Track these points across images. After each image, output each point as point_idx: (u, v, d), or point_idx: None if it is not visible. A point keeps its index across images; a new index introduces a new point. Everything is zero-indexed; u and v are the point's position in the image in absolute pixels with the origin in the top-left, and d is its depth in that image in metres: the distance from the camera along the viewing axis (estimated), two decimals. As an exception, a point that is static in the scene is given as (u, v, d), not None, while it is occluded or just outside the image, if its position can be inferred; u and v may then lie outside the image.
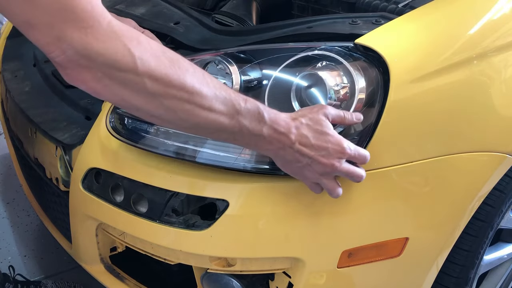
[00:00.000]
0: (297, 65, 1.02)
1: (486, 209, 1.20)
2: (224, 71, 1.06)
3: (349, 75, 0.98)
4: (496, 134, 1.11)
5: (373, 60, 1.01)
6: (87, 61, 0.75)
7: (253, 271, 1.09)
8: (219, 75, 1.07)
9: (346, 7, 1.41)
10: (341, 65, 0.99)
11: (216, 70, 1.08)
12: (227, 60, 1.05)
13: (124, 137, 1.10)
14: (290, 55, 1.03)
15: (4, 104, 1.65)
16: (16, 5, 0.72)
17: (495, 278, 1.48)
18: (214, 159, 1.01)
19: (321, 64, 0.99)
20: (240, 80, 1.04)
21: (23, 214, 2.04)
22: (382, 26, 1.07)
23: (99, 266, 1.27)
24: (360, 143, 0.99)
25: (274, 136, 0.88)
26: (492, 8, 1.12)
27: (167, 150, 1.05)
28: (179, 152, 1.04)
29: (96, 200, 1.14)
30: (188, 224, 1.04)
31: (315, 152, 0.90)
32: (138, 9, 1.42)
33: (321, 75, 0.98)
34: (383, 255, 1.10)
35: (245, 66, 1.05)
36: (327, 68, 0.99)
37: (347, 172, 0.93)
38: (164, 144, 1.05)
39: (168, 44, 1.24)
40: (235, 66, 1.05)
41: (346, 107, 0.98)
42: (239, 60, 1.06)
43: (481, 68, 1.07)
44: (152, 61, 0.78)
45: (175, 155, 1.05)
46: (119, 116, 1.13)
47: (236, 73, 1.04)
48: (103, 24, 0.75)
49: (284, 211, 1.01)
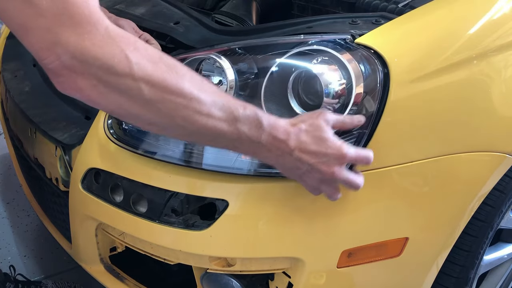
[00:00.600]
0: (293, 60, 1.01)
1: (486, 209, 1.19)
2: (220, 69, 1.06)
3: (345, 70, 0.97)
4: (496, 134, 1.11)
5: (373, 59, 1.00)
6: (83, 66, 0.74)
7: (253, 271, 1.09)
8: (215, 73, 1.07)
9: (346, 7, 1.41)
10: (337, 60, 0.98)
11: (212, 68, 1.07)
12: (220, 57, 1.05)
13: (123, 142, 1.10)
14: (285, 51, 1.02)
15: (4, 104, 1.65)
16: (14, 6, 0.71)
17: (495, 278, 1.48)
18: (213, 163, 1.01)
19: (316, 60, 0.99)
20: (235, 76, 1.04)
21: (23, 214, 2.04)
22: (382, 26, 1.07)
23: (99, 266, 1.27)
24: (360, 143, 0.99)
25: (273, 143, 0.87)
26: (492, 8, 1.12)
27: (165, 155, 1.05)
28: (177, 157, 1.04)
29: (95, 200, 1.14)
30: (187, 224, 1.04)
31: (315, 159, 0.89)
32: (138, 9, 1.42)
33: (317, 71, 0.98)
34: (383, 255, 1.09)
35: (240, 62, 1.05)
36: (324, 63, 0.98)
37: (346, 181, 0.92)
38: (163, 148, 1.05)
39: (168, 44, 1.24)
40: (228, 62, 1.04)
41: (344, 102, 0.97)
42: (233, 56, 1.06)
43: (481, 68, 1.07)
44: (149, 67, 0.77)
45: (172, 160, 1.04)
46: (117, 121, 1.13)
47: (229, 69, 1.04)
48: (100, 30, 0.74)
49: (284, 211, 1.01)
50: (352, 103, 0.96)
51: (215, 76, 1.07)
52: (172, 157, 1.04)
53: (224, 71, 1.04)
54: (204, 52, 1.09)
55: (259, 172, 1.00)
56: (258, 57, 1.05)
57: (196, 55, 1.09)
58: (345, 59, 0.97)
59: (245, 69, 1.05)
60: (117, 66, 0.75)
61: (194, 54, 1.10)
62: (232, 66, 1.04)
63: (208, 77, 1.07)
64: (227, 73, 1.03)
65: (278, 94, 1.01)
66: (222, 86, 1.04)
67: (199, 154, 1.03)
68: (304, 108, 1.01)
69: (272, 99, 1.01)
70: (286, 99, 1.01)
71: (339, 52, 0.99)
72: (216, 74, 1.07)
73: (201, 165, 1.02)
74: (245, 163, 1.00)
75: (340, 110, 0.97)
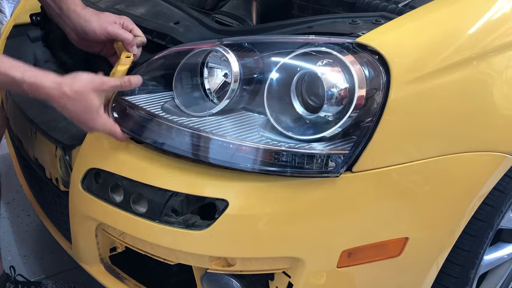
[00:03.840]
0: (297, 60, 1.02)
1: (486, 209, 1.19)
2: (226, 62, 1.06)
3: (349, 73, 0.97)
4: (496, 134, 1.11)
5: (374, 59, 1.00)
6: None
7: (253, 271, 1.09)
8: (222, 65, 1.08)
9: (346, 7, 1.41)
10: (341, 63, 0.98)
11: (219, 61, 1.08)
12: (227, 51, 1.05)
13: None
14: (291, 50, 1.03)
15: (4, 104, 1.65)
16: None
17: (495, 278, 1.48)
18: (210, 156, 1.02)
19: (322, 62, 0.99)
20: (240, 70, 1.04)
21: (23, 214, 2.04)
22: (382, 25, 1.07)
23: (99, 266, 1.27)
24: (360, 143, 0.99)
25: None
26: (492, 7, 1.12)
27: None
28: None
29: (95, 200, 1.14)
30: (187, 224, 1.04)
31: None
32: (138, 9, 1.42)
33: (322, 73, 0.98)
34: (383, 255, 1.09)
35: (246, 57, 1.05)
36: (328, 65, 0.99)
37: None
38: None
39: (168, 44, 1.24)
40: (234, 55, 1.05)
41: (346, 104, 0.98)
42: (240, 50, 1.07)
43: (481, 68, 1.07)
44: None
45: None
46: (117, 121, 1.13)
47: (235, 62, 1.04)
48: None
49: (284, 210, 1.01)
50: (354, 105, 0.97)
51: (221, 68, 1.08)
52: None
53: (229, 64, 1.04)
54: (211, 44, 1.09)
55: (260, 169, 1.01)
56: (264, 53, 1.06)
57: (204, 46, 1.09)
58: (349, 62, 0.98)
59: (250, 64, 1.05)
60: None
61: (201, 46, 1.10)
62: (238, 59, 1.05)
63: (214, 69, 1.09)
64: (232, 66, 1.04)
65: (281, 93, 1.02)
66: (227, 79, 1.06)
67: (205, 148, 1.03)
68: (306, 108, 1.01)
69: (275, 97, 1.02)
70: (289, 98, 1.01)
71: (344, 55, 0.99)
72: (222, 67, 1.08)
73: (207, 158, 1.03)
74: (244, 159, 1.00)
75: (342, 113, 0.98)
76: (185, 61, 1.10)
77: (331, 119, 0.98)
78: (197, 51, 1.10)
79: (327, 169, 0.98)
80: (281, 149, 0.97)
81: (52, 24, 1.59)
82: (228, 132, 1.01)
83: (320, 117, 0.99)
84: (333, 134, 0.98)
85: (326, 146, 0.98)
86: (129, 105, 1.10)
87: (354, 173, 1.00)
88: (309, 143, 0.98)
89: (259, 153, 0.98)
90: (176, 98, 1.09)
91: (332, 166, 0.98)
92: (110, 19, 1.21)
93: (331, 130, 0.97)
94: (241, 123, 1.03)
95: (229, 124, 1.03)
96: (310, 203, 1.01)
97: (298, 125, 1.01)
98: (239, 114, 1.05)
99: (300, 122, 1.02)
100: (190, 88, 1.11)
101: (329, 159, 0.97)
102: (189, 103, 1.09)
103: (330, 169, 0.98)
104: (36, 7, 1.72)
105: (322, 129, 0.98)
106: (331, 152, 0.97)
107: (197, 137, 1.02)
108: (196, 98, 1.10)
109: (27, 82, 1.01)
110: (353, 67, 0.97)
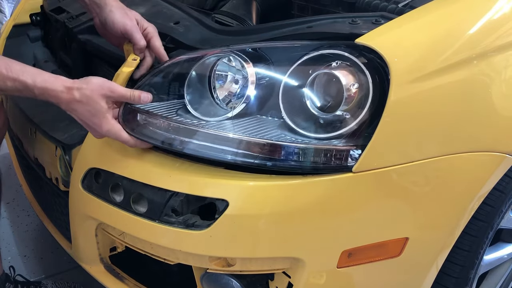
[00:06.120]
0: (310, 63, 1.03)
1: (486, 209, 1.20)
2: (235, 68, 1.07)
3: (364, 75, 0.99)
4: (496, 134, 1.11)
5: (374, 59, 1.01)
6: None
7: (253, 271, 1.09)
8: (230, 72, 1.08)
9: (346, 7, 1.41)
10: (355, 65, 1.00)
11: (228, 67, 1.08)
12: (242, 57, 1.06)
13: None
14: (303, 54, 1.04)
15: (4, 104, 1.65)
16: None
17: (495, 278, 1.48)
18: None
19: (336, 64, 1.00)
20: (255, 75, 1.05)
21: (23, 214, 2.04)
22: (382, 26, 1.07)
23: (99, 266, 1.27)
24: (360, 143, 0.99)
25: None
26: (492, 8, 1.12)
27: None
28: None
29: (95, 200, 1.14)
30: (187, 224, 1.04)
31: None
32: (138, 9, 1.41)
33: (337, 74, 0.99)
34: (383, 255, 1.09)
35: (258, 63, 1.06)
36: (342, 67, 1.00)
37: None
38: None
39: (168, 44, 1.24)
40: (250, 63, 1.05)
41: (360, 106, 0.99)
42: (251, 57, 1.07)
43: (481, 68, 1.07)
44: None
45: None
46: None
47: (251, 70, 1.05)
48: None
49: (284, 211, 1.01)
50: (368, 106, 0.98)
51: (230, 74, 1.08)
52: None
53: (244, 69, 1.05)
54: (223, 50, 1.09)
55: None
56: (275, 59, 1.07)
57: (215, 53, 1.09)
58: (362, 64, 0.99)
59: (263, 70, 1.06)
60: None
61: (213, 52, 1.10)
62: (252, 64, 1.05)
63: (223, 75, 1.10)
64: (248, 71, 1.05)
65: (296, 95, 1.03)
66: (238, 84, 1.07)
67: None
68: (320, 109, 1.02)
69: (290, 99, 1.03)
70: (303, 100, 1.02)
71: (357, 57, 1.00)
72: (231, 73, 1.08)
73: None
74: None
75: (355, 112, 0.99)
76: (196, 68, 1.10)
77: (348, 117, 0.99)
78: (208, 57, 1.09)
79: (346, 164, 1.00)
80: (309, 146, 0.99)
81: (52, 24, 1.60)
82: (253, 133, 1.01)
83: (336, 116, 1.00)
84: (352, 131, 0.99)
85: (345, 143, 0.99)
86: (144, 113, 1.09)
87: (355, 173, 1.00)
88: (328, 140, 1.00)
89: (285, 152, 1.00)
90: (188, 105, 1.09)
91: (350, 161, 1.00)
92: (133, 17, 1.21)
93: (349, 127, 0.99)
94: (259, 125, 1.04)
95: (248, 126, 1.04)
96: (310, 203, 1.01)
97: (313, 124, 1.03)
98: (254, 117, 1.06)
99: (313, 121, 1.03)
100: (201, 94, 1.11)
101: (348, 154, 0.99)
102: (201, 109, 1.09)
103: (349, 164, 1.00)
104: (36, 7, 1.73)
105: (338, 127, 1.00)
106: (349, 147, 1.00)
107: (225, 140, 1.02)
108: (208, 104, 1.10)
109: (38, 87, 1.02)
110: (366, 69, 0.99)
